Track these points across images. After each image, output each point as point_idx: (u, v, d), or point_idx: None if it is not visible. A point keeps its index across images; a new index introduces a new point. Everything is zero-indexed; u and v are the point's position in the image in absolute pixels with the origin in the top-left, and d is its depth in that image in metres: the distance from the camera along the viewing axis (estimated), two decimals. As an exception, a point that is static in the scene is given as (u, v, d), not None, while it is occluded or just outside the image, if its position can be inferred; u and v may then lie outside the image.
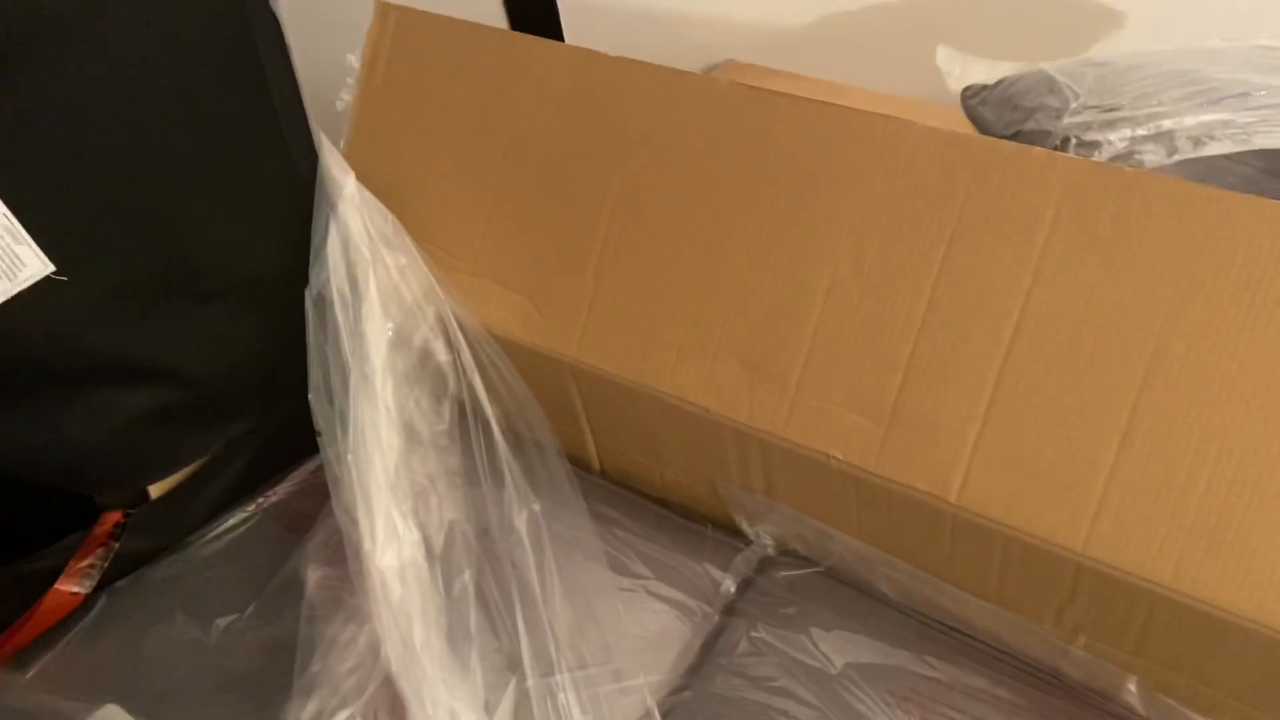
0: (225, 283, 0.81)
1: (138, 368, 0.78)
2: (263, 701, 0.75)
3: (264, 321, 0.84)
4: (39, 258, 0.69)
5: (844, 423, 0.74)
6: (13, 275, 0.68)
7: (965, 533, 0.71)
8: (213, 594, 0.84)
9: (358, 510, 0.73)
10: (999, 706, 0.71)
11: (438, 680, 0.66)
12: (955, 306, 0.71)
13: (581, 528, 0.81)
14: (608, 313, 0.85)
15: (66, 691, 0.77)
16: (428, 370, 0.85)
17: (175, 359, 0.80)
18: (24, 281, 0.68)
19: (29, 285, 0.69)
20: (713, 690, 0.74)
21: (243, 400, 0.87)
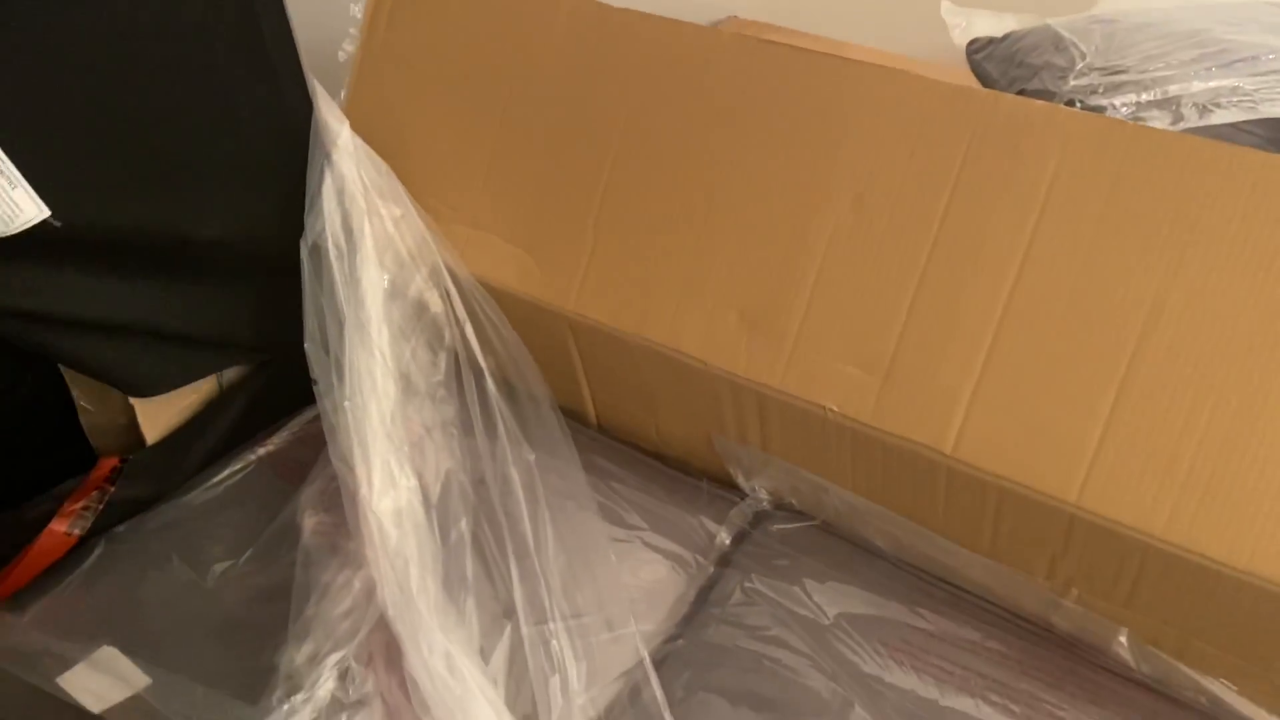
0: (220, 231, 0.80)
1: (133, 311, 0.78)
2: (258, 645, 0.75)
3: (260, 271, 0.84)
4: (35, 203, 0.68)
5: (840, 375, 0.74)
6: (9, 221, 0.68)
7: (960, 485, 0.71)
8: (209, 540, 0.84)
9: (354, 457, 0.73)
10: (990, 658, 0.72)
11: (433, 624, 0.67)
12: (955, 259, 0.71)
13: (575, 479, 0.81)
14: (606, 266, 0.85)
15: (63, 633, 0.78)
16: (423, 322, 0.85)
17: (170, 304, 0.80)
18: (20, 226, 0.68)
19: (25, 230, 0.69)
20: (705, 639, 0.75)
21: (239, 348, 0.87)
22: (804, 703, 0.69)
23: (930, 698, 0.69)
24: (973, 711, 0.68)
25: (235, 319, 0.86)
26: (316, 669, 0.71)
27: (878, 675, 0.71)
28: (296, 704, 0.70)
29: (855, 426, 0.73)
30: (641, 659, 0.74)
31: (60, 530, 0.81)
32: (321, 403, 0.76)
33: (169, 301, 0.81)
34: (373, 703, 0.70)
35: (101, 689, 0.75)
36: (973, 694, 0.69)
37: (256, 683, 0.72)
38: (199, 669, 0.75)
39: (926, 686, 0.70)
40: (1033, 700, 0.69)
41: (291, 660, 0.72)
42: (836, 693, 0.69)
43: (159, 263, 0.79)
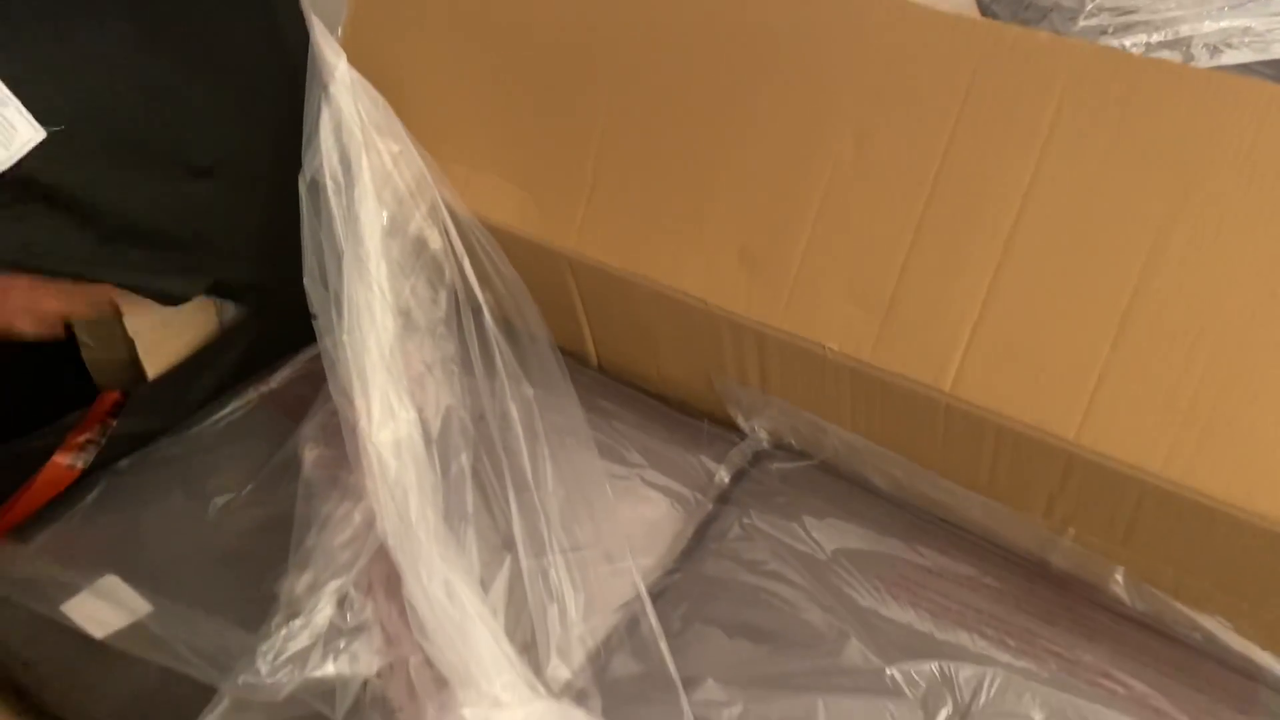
0: (214, 159, 0.80)
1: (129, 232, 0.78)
2: (258, 575, 0.76)
3: (257, 204, 0.83)
4: (31, 124, 0.68)
5: (840, 314, 0.74)
6: (7, 144, 0.68)
7: (959, 423, 0.71)
8: (211, 474, 0.85)
9: (354, 390, 0.73)
10: (986, 594, 0.72)
11: (433, 552, 0.67)
12: (958, 196, 0.71)
13: (573, 416, 0.81)
14: (606, 204, 0.84)
15: (67, 563, 0.78)
16: (423, 259, 0.84)
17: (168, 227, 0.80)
18: (19, 149, 0.68)
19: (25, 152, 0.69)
20: (703, 572, 0.75)
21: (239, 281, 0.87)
22: (801, 634, 0.70)
23: (926, 631, 0.70)
24: (968, 644, 0.69)
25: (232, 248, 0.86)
26: (315, 596, 0.72)
27: (874, 609, 0.71)
28: (295, 629, 0.70)
29: (855, 365, 0.73)
30: (639, 591, 0.75)
31: (63, 463, 0.82)
32: (321, 338, 0.76)
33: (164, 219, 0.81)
34: (371, 629, 0.71)
35: (104, 616, 0.76)
36: (968, 628, 0.70)
37: (256, 611, 0.73)
38: (200, 597, 0.76)
39: (922, 620, 0.70)
40: (1028, 635, 0.69)
41: (291, 589, 0.73)
42: (833, 625, 0.70)
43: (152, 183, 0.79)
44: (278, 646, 0.69)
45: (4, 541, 0.81)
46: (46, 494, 0.81)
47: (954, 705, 0.66)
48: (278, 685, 0.68)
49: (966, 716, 0.66)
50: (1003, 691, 0.66)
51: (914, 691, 0.67)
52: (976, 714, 0.65)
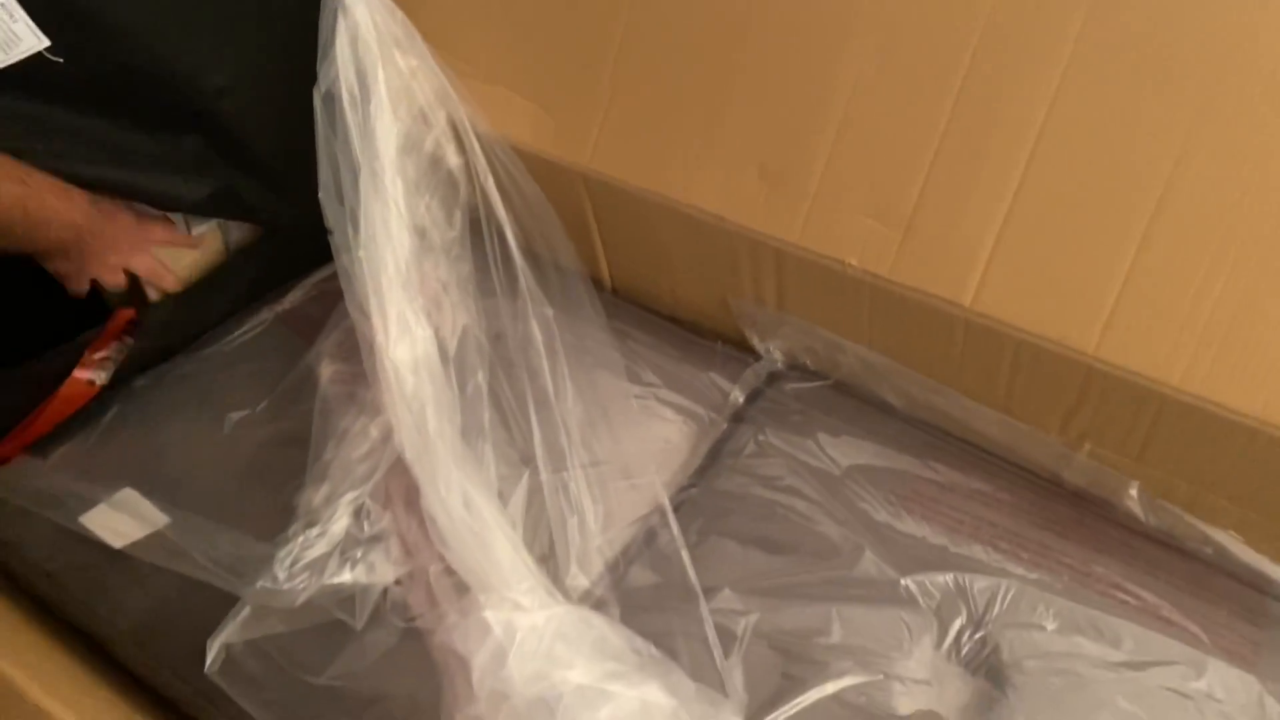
0: (229, 79, 0.79)
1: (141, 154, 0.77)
2: (274, 487, 0.77)
3: (272, 120, 0.82)
4: (34, 33, 0.67)
5: (861, 229, 0.73)
6: (8, 49, 0.67)
7: (977, 339, 0.71)
8: (226, 392, 0.85)
9: (370, 306, 0.73)
10: (1000, 508, 0.73)
11: (451, 465, 0.68)
12: (980, 109, 0.70)
13: (593, 335, 0.81)
14: (622, 120, 0.83)
15: (85, 477, 0.79)
16: (438, 177, 0.83)
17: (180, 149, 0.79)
18: (20, 54, 0.67)
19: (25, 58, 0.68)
20: (719, 487, 0.76)
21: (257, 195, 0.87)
22: (816, 546, 0.70)
23: (940, 544, 0.70)
24: (982, 557, 0.69)
25: (246, 166, 0.85)
26: (332, 507, 0.72)
27: (888, 523, 0.72)
28: (311, 537, 0.71)
29: (874, 281, 0.73)
30: (656, 505, 0.76)
31: (83, 378, 0.82)
32: (337, 253, 0.75)
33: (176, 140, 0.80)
34: (389, 540, 0.72)
35: (122, 527, 0.77)
36: (982, 541, 0.70)
37: (273, 522, 0.73)
38: (217, 510, 0.77)
39: (936, 534, 0.71)
40: (1041, 548, 0.70)
41: (309, 501, 0.73)
42: (848, 538, 0.70)
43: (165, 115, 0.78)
44: (295, 554, 0.70)
45: (23, 456, 0.82)
46: (66, 409, 0.82)
47: (968, 615, 0.67)
48: (294, 591, 0.69)
49: (980, 626, 0.66)
50: (1016, 602, 0.67)
51: (928, 602, 0.68)
52: (990, 623, 0.66)
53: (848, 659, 0.65)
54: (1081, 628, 0.65)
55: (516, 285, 0.78)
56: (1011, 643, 0.65)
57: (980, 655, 0.66)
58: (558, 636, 0.61)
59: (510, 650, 0.59)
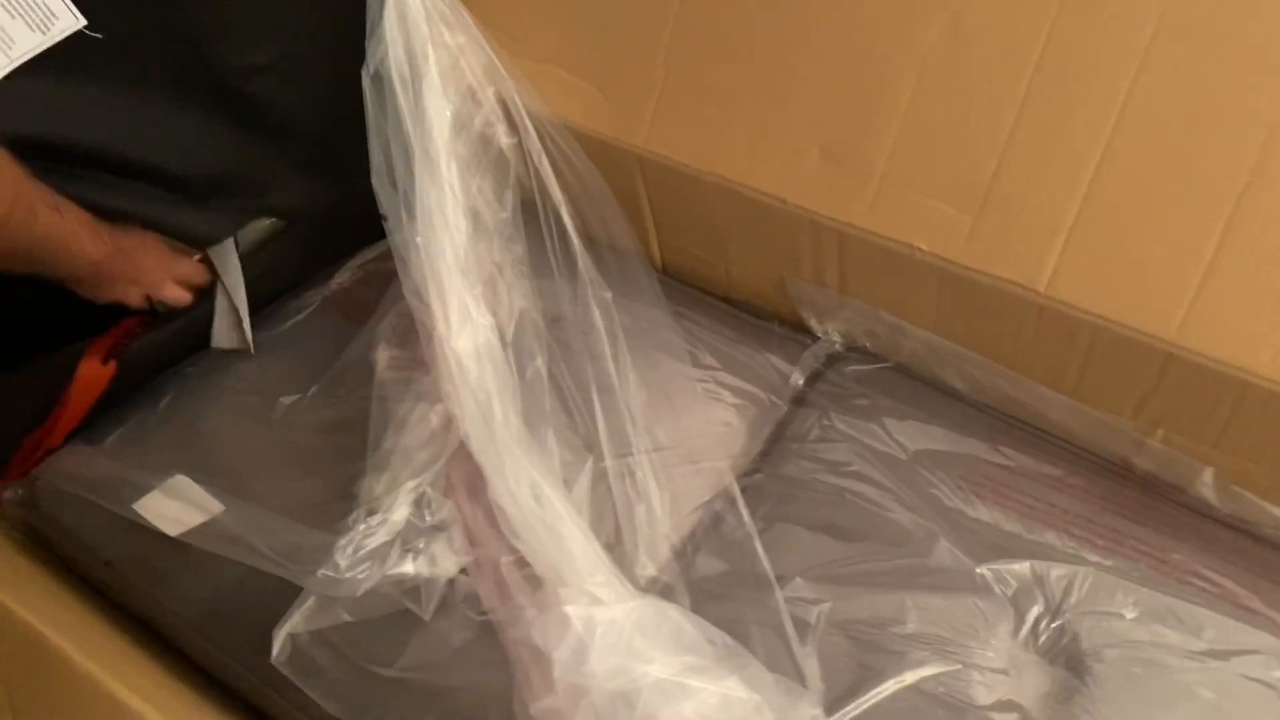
0: (269, 57, 0.77)
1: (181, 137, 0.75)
2: (329, 474, 0.76)
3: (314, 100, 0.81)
4: (70, 10, 0.65)
5: (930, 212, 0.72)
6: (45, 28, 0.65)
7: (1051, 324, 0.70)
8: (276, 376, 0.84)
9: (429, 294, 0.71)
10: (1072, 494, 0.72)
11: (518, 455, 0.66)
12: (1058, 86, 0.68)
13: (652, 318, 0.80)
14: (679, 99, 0.81)
15: (137, 463, 0.78)
16: (489, 156, 0.82)
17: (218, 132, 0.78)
18: (57, 35, 0.65)
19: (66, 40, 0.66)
20: (784, 473, 0.75)
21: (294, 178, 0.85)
22: (887, 534, 0.70)
23: (1013, 531, 0.70)
24: (1056, 544, 0.69)
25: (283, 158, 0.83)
26: (392, 496, 0.71)
27: (960, 509, 0.71)
28: (373, 525, 0.70)
29: (944, 266, 0.71)
30: (720, 490, 0.75)
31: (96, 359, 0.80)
32: (392, 239, 0.74)
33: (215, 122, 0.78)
34: (451, 529, 0.71)
35: (177, 514, 0.76)
36: (1055, 528, 0.70)
37: (329, 510, 0.72)
38: (271, 496, 0.76)
39: (1010, 520, 0.70)
40: (1116, 535, 0.69)
41: (370, 489, 0.72)
42: (920, 525, 0.70)
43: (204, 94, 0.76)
44: (356, 542, 0.69)
45: (76, 444, 0.81)
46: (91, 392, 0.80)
47: (1045, 604, 0.66)
48: (356, 581, 0.68)
49: (1058, 614, 0.66)
50: (1094, 590, 0.66)
51: (1004, 590, 0.67)
52: (1068, 612, 0.66)
53: (925, 648, 0.65)
54: (1161, 616, 0.65)
55: (574, 268, 0.77)
56: (1090, 631, 0.65)
57: (1059, 644, 0.65)
58: (636, 629, 0.60)
59: (591, 645, 0.58)
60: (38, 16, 0.63)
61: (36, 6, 0.62)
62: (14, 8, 0.61)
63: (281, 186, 0.84)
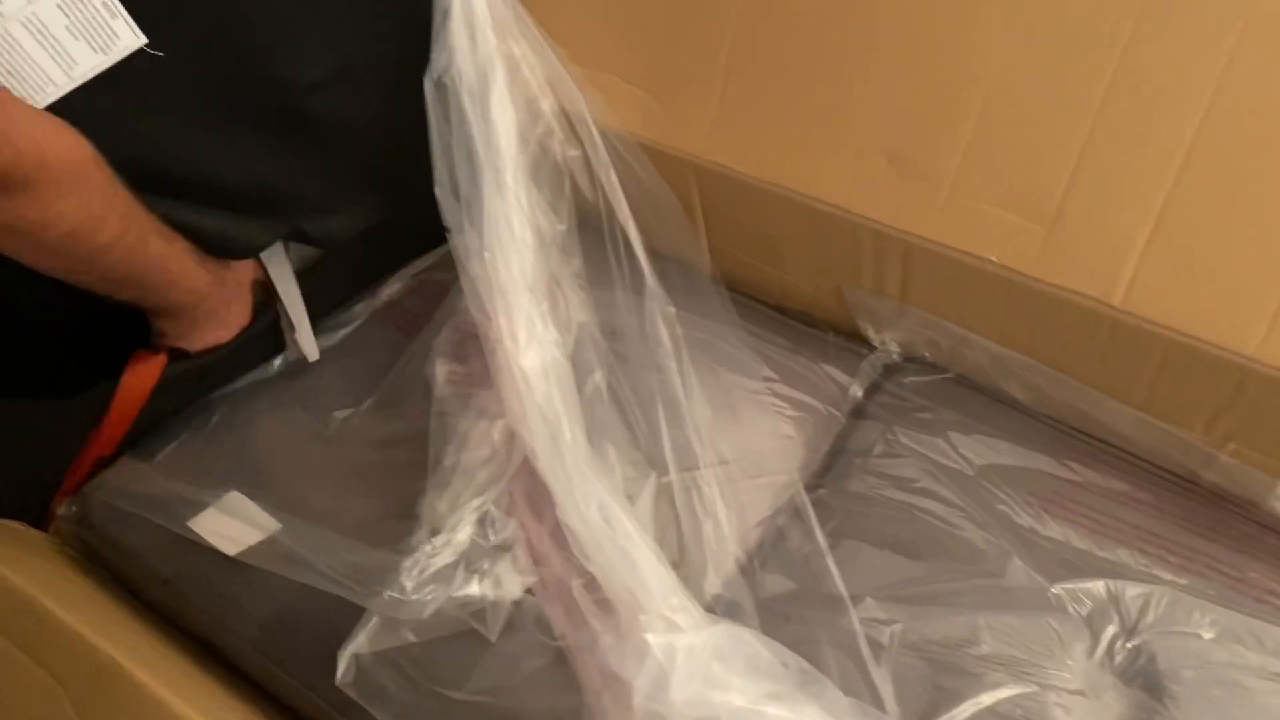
0: (327, 72, 0.75)
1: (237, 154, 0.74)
2: (386, 492, 0.75)
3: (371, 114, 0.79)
4: (132, 30, 0.64)
5: (1002, 223, 0.70)
6: (107, 49, 0.63)
7: (1124, 338, 0.69)
8: (328, 390, 0.83)
9: (495, 309, 0.70)
10: (1142, 509, 0.71)
11: (587, 475, 0.66)
12: (1137, 94, 0.66)
13: (715, 330, 0.79)
14: (738, 106, 0.80)
15: (192, 479, 0.77)
16: (546, 167, 0.80)
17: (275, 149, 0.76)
18: (118, 54, 0.64)
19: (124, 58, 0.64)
20: (850, 489, 0.74)
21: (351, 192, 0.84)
22: (959, 552, 0.69)
23: (1085, 548, 0.69)
24: (1129, 562, 0.68)
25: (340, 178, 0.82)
26: (456, 514, 0.70)
27: (1031, 526, 0.70)
28: (438, 546, 0.69)
29: (1015, 278, 0.70)
30: (782, 504, 0.74)
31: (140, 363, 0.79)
32: (456, 251, 0.73)
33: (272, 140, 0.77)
34: (515, 548, 0.70)
35: (233, 532, 0.75)
36: (1128, 545, 0.69)
37: (390, 528, 0.72)
38: (328, 514, 0.75)
39: (1080, 537, 0.70)
40: (1190, 552, 0.68)
41: (432, 507, 0.72)
42: (992, 543, 0.69)
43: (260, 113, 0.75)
44: (421, 563, 0.68)
45: (129, 461, 0.80)
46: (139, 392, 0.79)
47: (1121, 623, 0.66)
48: (422, 603, 0.68)
49: (1134, 634, 0.65)
50: (1171, 609, 0.65)
51: (1078, 609, 0.66)
52: (1145, 632, 0.65)
53: (1000, 670, 0.64)
54: (1240, 636, 0.64)
55: (638, 281, 0.76)
56: (1168, 652, 0.64)
57: (1135, 665, 0.64)
58: (714, 656, 0.60)
59: (672, 673, 0.58)
60: (101, 38, 0.61)
61: (101, 28, 0.61)
62: (78, 29, 0.60)
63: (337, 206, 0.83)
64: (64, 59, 0.60)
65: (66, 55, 0.60)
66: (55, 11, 0.59)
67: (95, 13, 0.60)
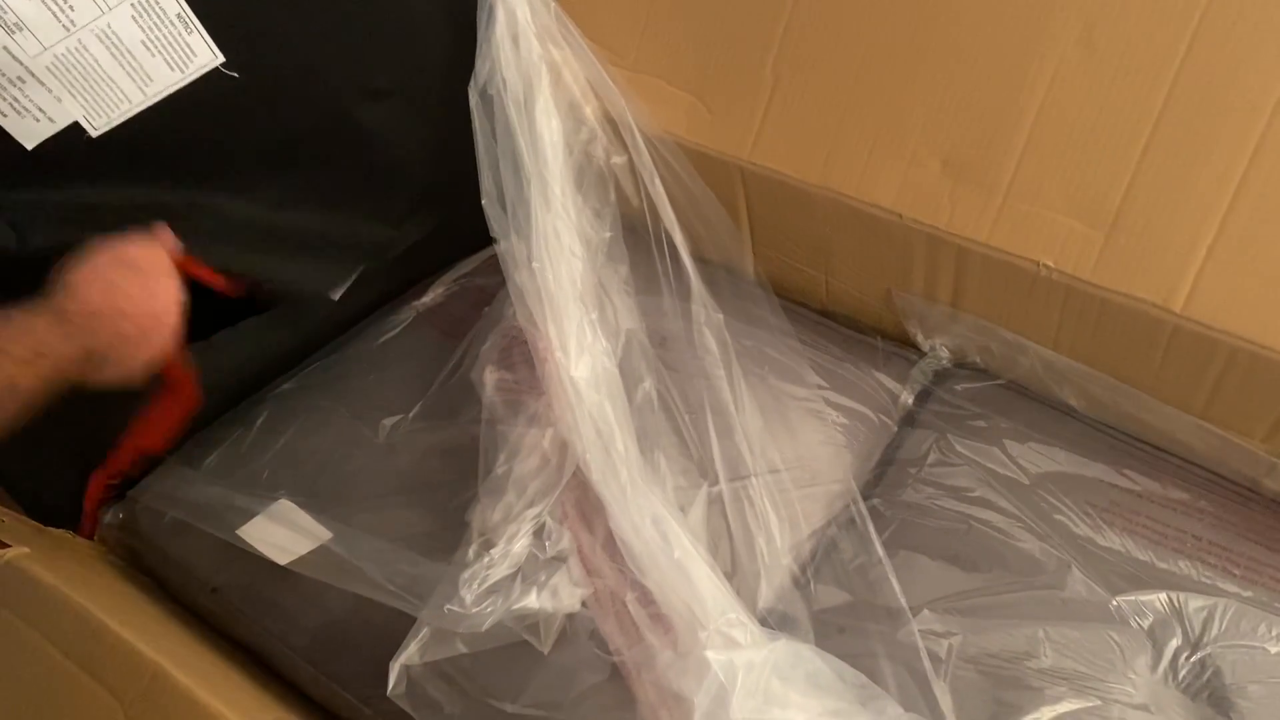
0: (389, 81, 0.75)
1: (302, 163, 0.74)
2: (436, 501, 0.75)
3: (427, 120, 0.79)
4: (209, 48, 0.64)
5: (1058, 228, 0.69)
6: (184, 66, 0.63)
7: (1185, 344, 0.67)
8: (376, 395, 0.83)
9: (544, 318, 0.70)
10: (1202, 520, 0.70)
11: (640, 486, 0.65)
12: (1198, 99, 0.65)
13: (764, 338, 0.78)
14: (787, 110, 0.79)
15: (240, 486, 0.77)
16: (590, 174, 0.80)
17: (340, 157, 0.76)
18: (195, 72, 0.64)
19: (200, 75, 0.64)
20: (904, 499, 0.73)
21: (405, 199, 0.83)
22: (1017, 563, 0.68)
23: (1145, 559, 0.68)
24: (1191, 574, 0.67)
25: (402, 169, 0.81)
26: (510, 525, 0.70)
27: (1089, 536, 0.69)
28: (495, 557, 0.69)
29: (1072, 284, 0.69)
30: (834, 515, 0.73)
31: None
32: (503, 260, 0.72)
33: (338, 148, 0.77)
34: (570, 559, 0.70)
35: (283, 541, 0.75)
36: (1189, 556, 0.68)
37: (442, 538, 0.71)
38: (380, 523, 0.75)
39: (1140, 548, 0.68)
40: (1253, 563, 0.67)
41: (485, 517, 0.71)
42: (1050, 554, 0.68)
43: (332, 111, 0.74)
44: (479, 575, 0.68)
45: (175, 466, 0.80)
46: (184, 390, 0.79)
47: (1184, 636, 0.64)
48: (482, 615, 0.67)
49: (1198, 647, 0.64)
50: (1235, 622, 0.64)
51: (1141, 622, 0.65)
52: (1209, 645, 0.64)
53: (1062, 683, 0.63)
54: (1309, 651, 0.63)
55: (685, 289, 0.75)
56: (1234, 665, 0.63)
57: (1200, 679, 0.63)
58: (773, 672, 0.59)
59: (733, 691, 0.57)
60: (178, 55, 0.61)
61: (178, 45, 0.61)
62: (155, 46, 0.59)
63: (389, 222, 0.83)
64: (139, 75, 0.60)
65: (142, 71, 0.59)
66: (130, 24, 0.58)
67: (171, 27, 0.60)
